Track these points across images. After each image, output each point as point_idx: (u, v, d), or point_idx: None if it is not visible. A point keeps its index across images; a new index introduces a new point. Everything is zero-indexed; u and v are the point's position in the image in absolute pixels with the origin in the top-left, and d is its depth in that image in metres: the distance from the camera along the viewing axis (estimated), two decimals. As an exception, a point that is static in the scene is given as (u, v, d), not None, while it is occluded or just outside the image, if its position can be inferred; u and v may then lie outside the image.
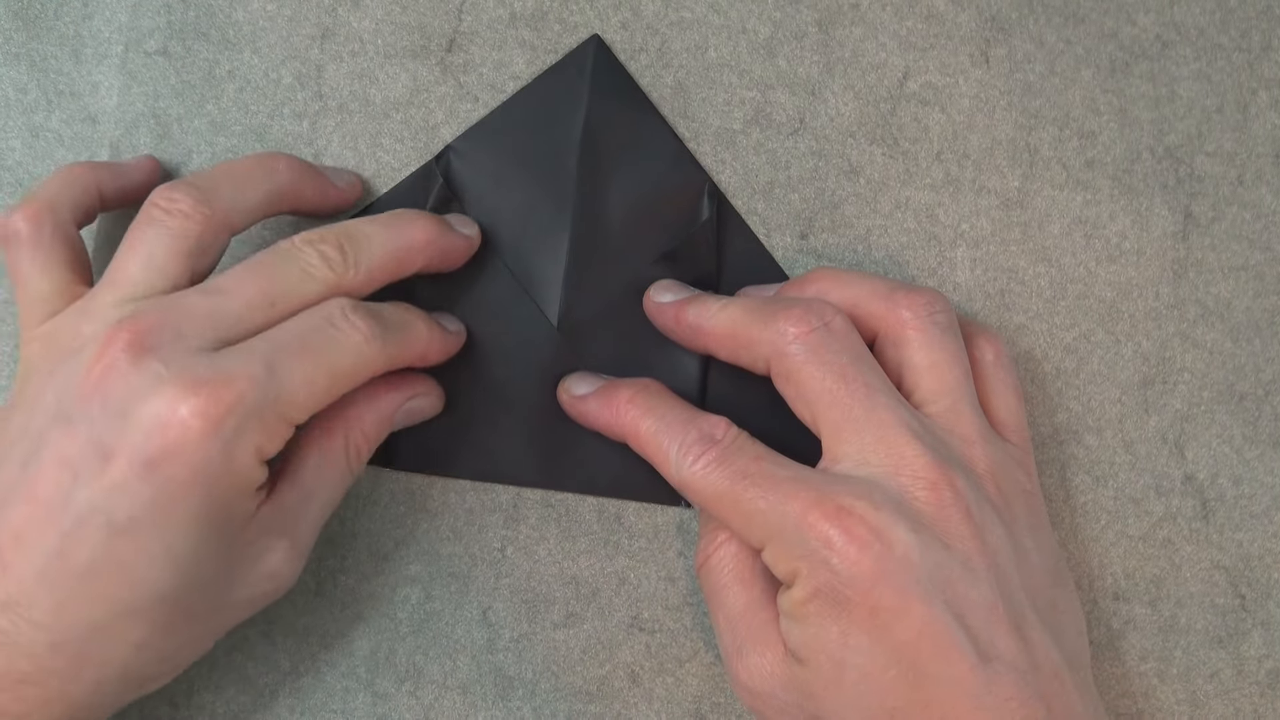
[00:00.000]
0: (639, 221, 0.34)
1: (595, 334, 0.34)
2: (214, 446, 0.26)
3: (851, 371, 0.28)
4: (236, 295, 0.28)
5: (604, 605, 0.34)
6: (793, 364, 0.29)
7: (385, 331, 0.29)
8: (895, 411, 0.28)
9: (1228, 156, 0.35)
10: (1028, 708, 0.26)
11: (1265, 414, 0.35)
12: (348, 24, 0.35)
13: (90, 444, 0.26)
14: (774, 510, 0.27)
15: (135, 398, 0.26)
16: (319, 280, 0.29)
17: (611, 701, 0.34)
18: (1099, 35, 0.35)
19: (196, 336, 0.27)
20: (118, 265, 0.29)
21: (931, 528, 0.27)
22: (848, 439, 0.28)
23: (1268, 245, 0.35)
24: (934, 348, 0.29)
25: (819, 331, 0.29)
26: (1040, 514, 0.30)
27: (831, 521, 0.26)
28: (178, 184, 0.29)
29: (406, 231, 0.31)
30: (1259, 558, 0.35)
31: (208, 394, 0.26)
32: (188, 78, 0.34)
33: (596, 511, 0.34)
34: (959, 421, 0.29)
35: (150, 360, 0.26)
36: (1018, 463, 0.30)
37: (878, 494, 0.27)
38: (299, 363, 0.27)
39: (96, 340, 0.27)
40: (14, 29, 0.35)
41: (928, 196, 0.35)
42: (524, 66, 0.35)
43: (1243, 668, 0.34)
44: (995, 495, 0.28)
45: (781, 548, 0.27)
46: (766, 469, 0.28)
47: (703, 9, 0.35)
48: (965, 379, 0.30)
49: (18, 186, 0.34)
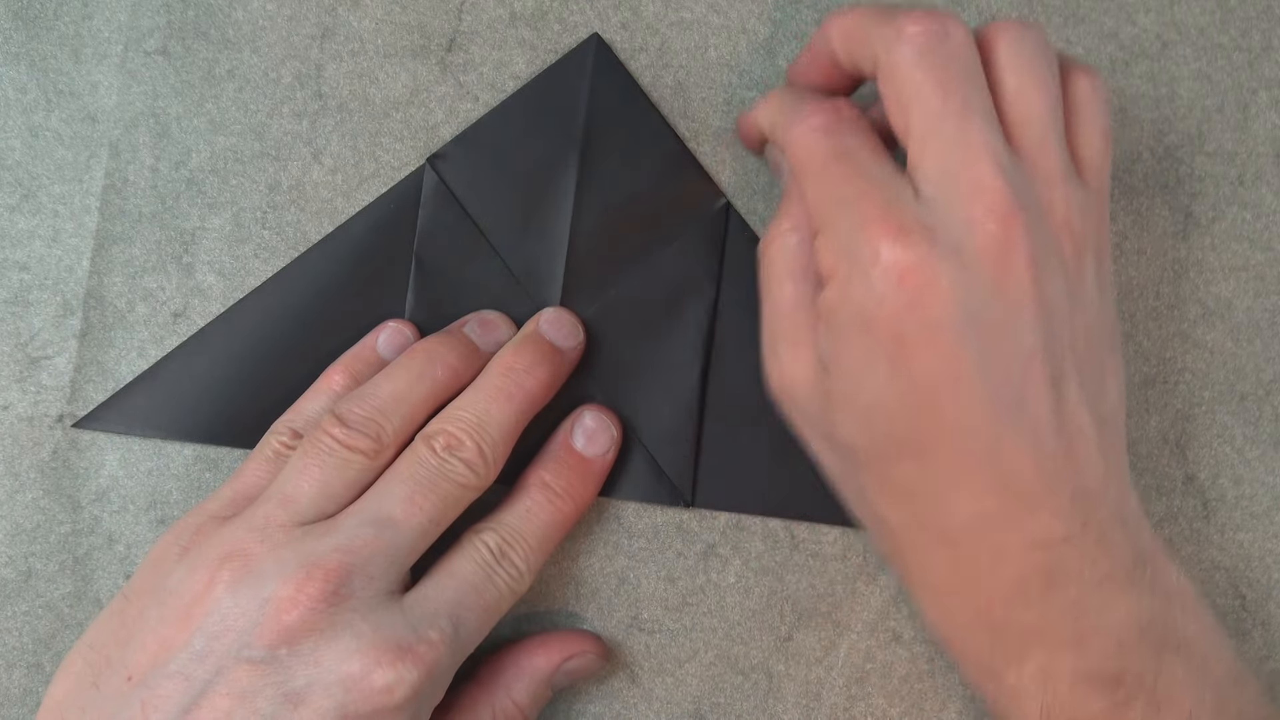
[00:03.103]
0: (639, 222, 0.34)
1: (594, 334, 0.34)
2: (408, 711, 0.26)
3: (955, 85, 0.27)
4: (406, 526, 0.28)
5: (604, 605, 0.34)
6: (898, 60, 0.27)
7: (532, 564, 0.30)
8: (986, 136, 0.26)
9: (1228, 156, 0.35)
10: (1044, 469, 0.26)
11: (1266, 414, 0.35)
12: (348, 23, 0.35)
13: (275, 686, 0.25)
14: (844, 200, 0.27)
15: (331, 650, 0.26)
16: (469, 489, 0.29)
17: (611, 701, 0.34)
18: (1099, 35, 0.35)
19: (383, 579, 0.27)
20: (288, 486, 0.28)
21: (987, 269, 0.26)
22: (932, 154, 0.27)
23: (1268, 245, 0.35)
24: (1024, 73, 0.28)
25: (936, 35, 0.27)
26: (1106, 271, 0.29)
27: (888, 238, 0.26)
28: (352, 419, 0.29)
29: (527, 392, 0.30)
30: (1259, 558, 0.34)
31: (410, 659, 0.26)
32: (187, 77, 0.34)
33: (596, 511, 0.34)
34: (1044, 157, 0.27)
35: (344, 611, 0.26)
36: (1095, 211, 0.28)
37: (943, 223, 0.26)
38: (475, 615, 0.28)
39: (284, 580, 0.26)
40: (14, 29, 0.35)
41: (928, 196, 0.35)
42: (524, 66, 0.35)
43: (1243, 668, 0.34)
44: (1067, 243, 0.27)
45: (834, 240, 0.27)
46: (863, 159, 0.27)
47: (703, 9, 0.35)
48: (1054, 109, 0.28)
49: (17, 186, 0.34)
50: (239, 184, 0.34)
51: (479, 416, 0.30)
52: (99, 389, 0.34)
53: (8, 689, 0.34)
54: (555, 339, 0.32)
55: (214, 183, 0.34)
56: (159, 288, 0.34)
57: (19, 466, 0.34)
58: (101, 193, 0.34)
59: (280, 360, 0.34)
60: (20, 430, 0.34)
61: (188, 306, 0.34)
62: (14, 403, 0.34)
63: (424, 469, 0.29)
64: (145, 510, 0.34)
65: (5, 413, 0.34)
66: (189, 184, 0.34)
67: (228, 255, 0.34)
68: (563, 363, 0.32)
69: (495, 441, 0.30)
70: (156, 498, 0.34)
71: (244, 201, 0.34)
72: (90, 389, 0.34)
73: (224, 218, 0.34)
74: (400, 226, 0.34)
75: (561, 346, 0.32)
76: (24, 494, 0.34)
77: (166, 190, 0.34)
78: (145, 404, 0.34)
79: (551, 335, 0.32)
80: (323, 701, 0.25)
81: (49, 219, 0.34)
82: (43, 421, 0.34)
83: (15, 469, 0.34)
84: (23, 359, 0.34)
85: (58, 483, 0.34)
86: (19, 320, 0.34)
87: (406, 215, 0.34)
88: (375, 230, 0.34)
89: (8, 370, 0.34)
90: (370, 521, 0.28)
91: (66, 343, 0.34)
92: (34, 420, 0.34)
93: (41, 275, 0.34)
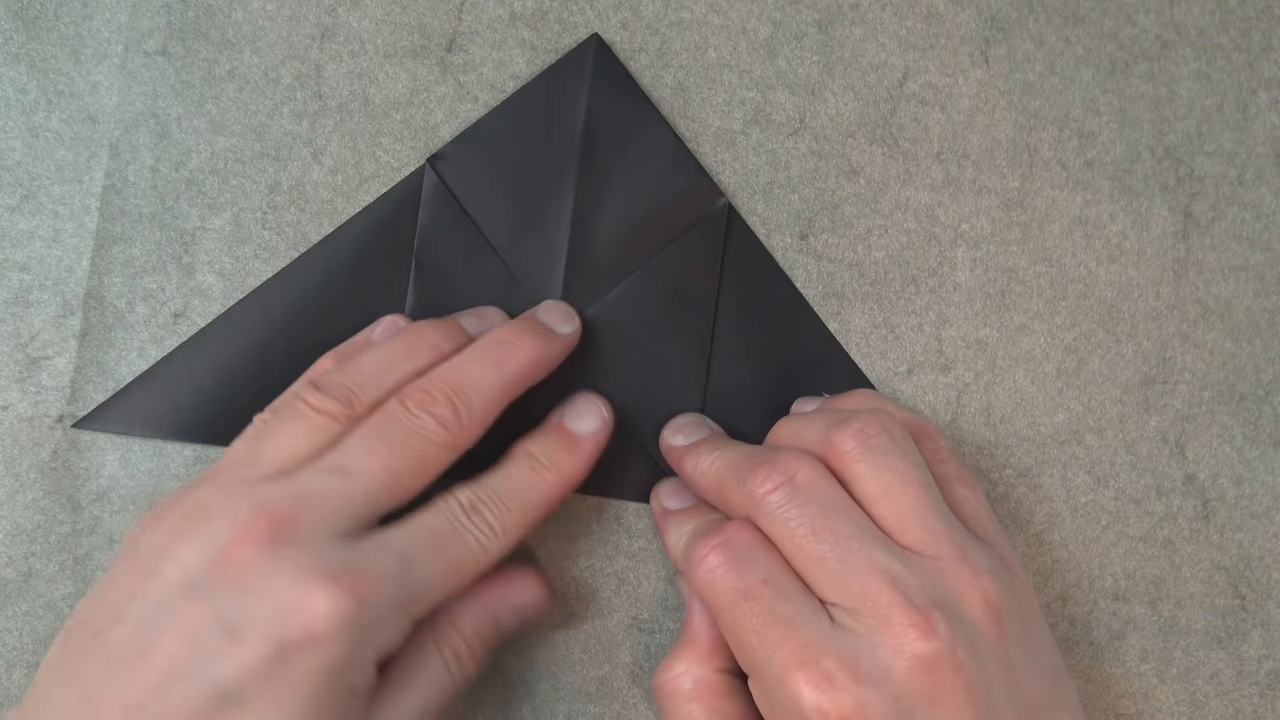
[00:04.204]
0: (639, 221, 0.34)
1: (595, 334, 0.34)
2: (345, 640, 0.26)
3: (819, 523, 0.28)
4: (363, 475, 0.28)
5: (604, 605, 0.34)
6: (764, 524, 0.28)
7: (507, 525, 0.29)
8: (870, 557, 0.27)
9: (1228, 156, 0.35)
10: None
11: (1266, 414, 0.35)
12: (348, 24, 0.35)
13: (218, 621, 0.26)
14: (763, 648, 0.27)
15: (271, 583, 0.26)
16: (439, 445, 0.29)
17: (611, 702, 0.34)
18: (1099, 35, 0.35)
19: (332, 523, 0.27)
20: (255, 446, 0.29)
21: (916, 686, 0.26)
22: (829, 591, 0.27)
23: (1268, 245, 0.35)
24: (880, 474, 0.28)
25: (784, 488, 0.28)
26: (1033, 613, 0.30)
27: (812, 685, 0.26)
28: (327, 384, 0.29)
29: (512, 362, 0.30)
30: (1259, 558, 0.34)
31: (346, 585, 0.26)
32: (187, 77, 0.34)
33: (596, 512, 0.34)
34: (936, 544, 0.28)
35: (289, 548, 0.26)
36: (1002, 563, 0.29)
37: (865, 659, 0.26)
38: (432, 560, 0.27)
39: (234, 521, 0.27)
40: (14, 29, 0.35)
41: (928, 196, 0.35)
42: (524, 66, 0.35)
43: (1243, 668, 0.34)
44: (988, 620, 0.27)
45: (762, 692, 0.28)
46: (770, 598, 0.27)
47: (703, 9, 0.35)
48: (924, 492, 0.29)
49: (17, 186, 0.34)
50: (239, 184, 0.34)
51: (457, 377, 0.30)
52: (99, 389, 0.34)
53: (8, 689, 0.34)
54: (549, 322, 0.32)
55: (214, 183, 0.34)
56: (159, 288, 0.34)
57: (19, 467, 0.34)
58: (101, 193, 0.34)
59: (280, 361, 0.34)
60: (20, 430, 0.34)
61: (188, 307, 0.34)
62: (14, 403, 0.34)
63: (390, 422, 0.29)
64: (145, 510, 0.34)
65: (5, 413, 0.34)
66: (189, 184, 0.34)
67: (228, 256, 0.34)
68: (554, 343, 0.32)
69: (472, 403, 0.29)
70: (156, 498, 0.34)
71: (244, 202, 0.34)
72: (90, 389, 0.34)
73: (224, 218, 0.34)
74: (400, 227, 0.34)
75: (555, 330, 0.32)
76: (24, 494, 0.34)
77: (167, 191, 0.34)
78: (145, 404, 0.34)
79: (545, 319, 0.32)
80: (260, 633, 0.25)
81: (49, 219, 0.34)
82: (43, 422, 0.34)
83: (15, 469, 0.34)
84: (23, 359, 0.34)
85: (58, 483, 0.34)
86: (19, 320, 0.34)
87: (406, 216, 0.34)
88: (375, 231, 0.34)
89: (8, 370, 0.34)
90: (327, 470, 0.28)
91: (66, 343, 0.34)
92: (34, 420, 0.34)
93: (41, 275, 0.34)
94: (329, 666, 0.25)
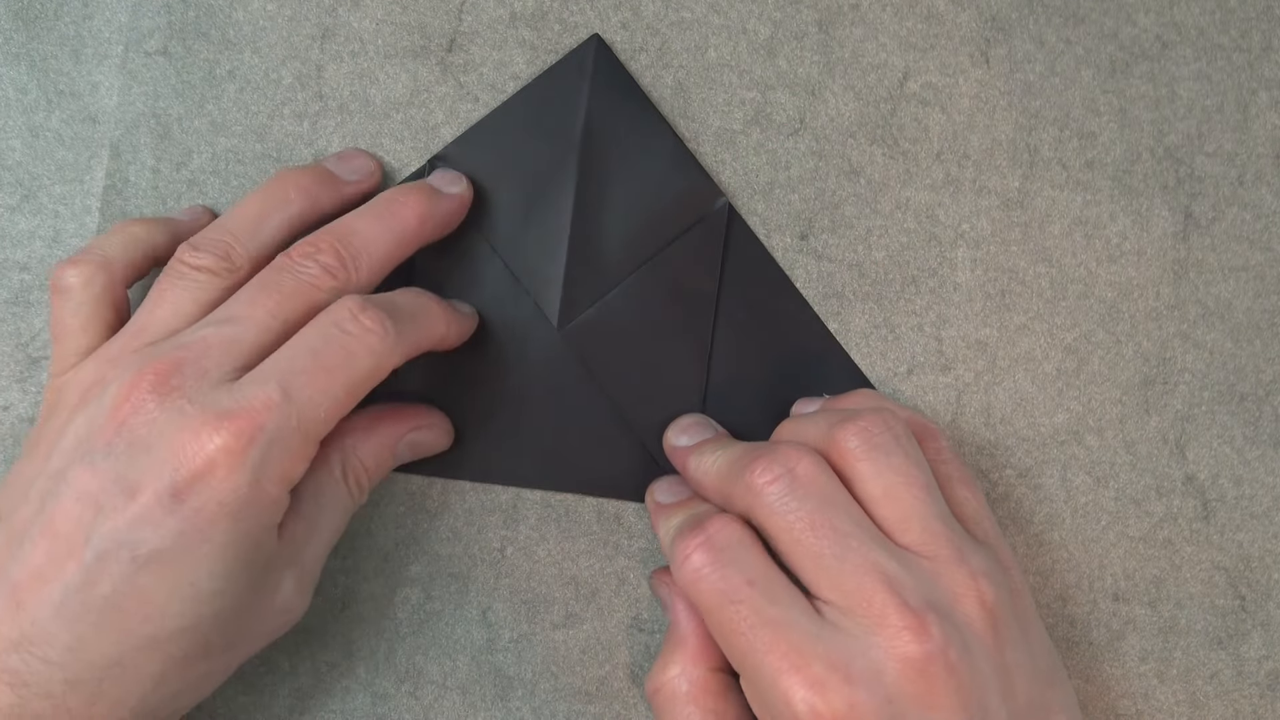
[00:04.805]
0: (639, 221, 0.34)
1: (595, 334, 0.34)
2: (241, 477, 0.26)
3: (819, 518, 0.27)
4: (248, 321, 0.28)
5: (604, 606, 0.34)
6: (762, 516, 0.28)
7: (399, 322, 0.29)
8: (868, 556, 0.27)
9: (1228, 156, 0.35)
10: None
11: (1266, 414, 0.35)
12: (348, 24, 0.35)
13: (114, 479, 0.26)
14: (753, 652, 0.27)
15: (161, 434, 0.26)
16: (325, 290, 0.29)
17: (611, 702, 0.34)
18: (1099, 35, 0.35)
19: (217, 370, 0.27)
20: (142, 316, 0.29)
21: (909, 688, 0.26)
22: (824, 588, 0.27)
23: (1268, 245, 0.35)
24: (883, 473, 0.28)
25: (783, 480, 0.28)
26: (1029, 615, 0.30)
27: (804, 688, 0.26)
28: (201, 241, 0.30)
29: (399, 216, 0.31)
30: (1259, 558, 0.34)
31: (231, 425, 0.26)
32: (188, 78, 0.35)
33: (596, 512, 0.34)
34: (934, 544, 0.28)
35: (174, 398, 0.27)
36: (999, 564, 0.29)
37: (857, 660, 0.26)
38: (313, 379, 0.27)
39: (120, 382, 0.27)
40: (14, 29, 0.35)
41: (928, 196, 0.35)
42: (524, 66, 0.35)
43: (1243, 669, 0.34)
44: (982, 621, 0.27)
45: (754, 693, 0.27)
46: (756, 599, 0.27)
47: (703, 9, 0.35)
48: (926, 493, 0.28)
49: (17, 186, 0.34)
50: (240, 185, 0.34)
51: (342, 228, 0.30)
52: (99, 389, 0.34)
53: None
54: (438, 185, 0.33)
55: (215, 184, 0.34)
56: (159, 288, 0.34)
57: (19, 467, 0.34)
58: (102, 193, 0.34)
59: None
60: (20, 430, 0.34)
61: (188, 307, 0.34)
62: (14, 403, 0.34)
63: (275, 272, 0.29)
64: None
65: (5, 413, 0.34)
66: (190, 185, 0.34)
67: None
68: (441, 201, 0.32)
69: (358, 251, 0.30)
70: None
71: (244, 202, 0.34)
72: (91, 389, 0.34)
73: (224, 218, 0.34)
74: (400, 227, 0.34)
75: (443, 190, 0.32)
76: (24, 494, 0.34)
77: (167, 191, 0.34)
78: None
79: (434, 182, 0.33)
80: (155, 483, 0.26)
81: (49, 219, 0.34)
82: (43, 422, 0.34)
83: (16, 469, 0.34)
84: (23, 359, 0.34)
85: (58, 483, 0.34)
86: (19, 320, 0.34)
87: (407, 215, 0.34)
88: (375, 230, 0.34)
89: (8, 370, 0.34)
90: (212, 322, 0.28)
91: (67, 343, 0.34)
92: (34, 420, 0.34)
93: (41, 275, 0.34)
94: (226, 502, 0.26)
